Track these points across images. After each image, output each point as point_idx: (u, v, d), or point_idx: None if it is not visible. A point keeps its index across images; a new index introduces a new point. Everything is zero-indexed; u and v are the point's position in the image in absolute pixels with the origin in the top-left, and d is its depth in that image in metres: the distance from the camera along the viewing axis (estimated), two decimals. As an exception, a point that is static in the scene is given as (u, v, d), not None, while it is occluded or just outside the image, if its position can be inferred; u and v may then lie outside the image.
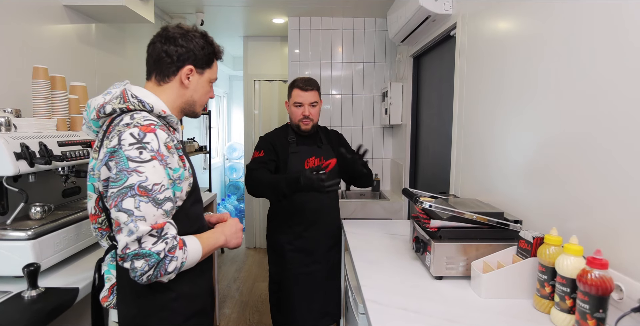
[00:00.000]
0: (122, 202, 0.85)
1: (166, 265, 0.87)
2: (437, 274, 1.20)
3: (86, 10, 2.05)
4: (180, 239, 0.92)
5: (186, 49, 1.03)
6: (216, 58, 1.11)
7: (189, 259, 0.93)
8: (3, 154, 1.11)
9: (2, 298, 1.08)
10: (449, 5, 1.95)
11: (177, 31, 1.04)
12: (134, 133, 0.89)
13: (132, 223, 0.84)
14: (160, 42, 1.03)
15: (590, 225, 0.99)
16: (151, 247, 0.85)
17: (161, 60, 1.03)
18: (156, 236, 0.86)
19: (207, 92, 1.12)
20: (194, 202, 1.04)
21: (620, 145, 0.89)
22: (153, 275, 0.86)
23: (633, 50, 0.86)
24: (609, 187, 0.93)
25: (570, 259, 0.89)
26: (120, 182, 0.86)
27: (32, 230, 1.18)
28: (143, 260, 0.84)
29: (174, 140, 0.96)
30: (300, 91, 1.83)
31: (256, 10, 3.24)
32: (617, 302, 0.87)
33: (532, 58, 1.25)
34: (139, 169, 0.86)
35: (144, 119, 0.93)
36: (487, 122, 1.56)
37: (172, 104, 1.06)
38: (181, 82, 1.05)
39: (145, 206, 0.85)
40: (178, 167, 0.95)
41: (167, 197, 0.90)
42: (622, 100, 0.89)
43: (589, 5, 1.00)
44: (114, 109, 0.96)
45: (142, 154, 0.87)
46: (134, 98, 0.96)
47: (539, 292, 0.99)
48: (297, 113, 1.85)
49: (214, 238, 1.04)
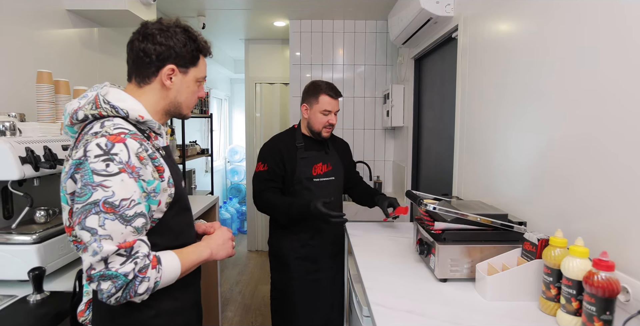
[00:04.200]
0: (85, 220, 0.78)
1: (136, 286, 0.81)
2: (441, 276, 1.20)
3: (89, 14, 2.07)
4: (154, 257, 0.85)
5: (166, 46, 0.94)
6: (203, 54, 1.02)
7: (165, 278, 0.87)
8: (8, 159, 1.11)
9: (8, 302, 1.08)
10: (450, 8, 1.96)
11: (156, 27, 0.95)
12: (101, 143, 0.81)
13: (95, 242, 0.77)
14: (138, 40, 0.94)
15: (595, 226, 0.99)
16: (118, 268, 0.78)
17: (139, 59, 0.94)
18: (125, 255, 0.80)
19: (193, 92, 1.02)
20: (178, 213, 0.97)
21: (625, 145, 0.90)
22: (122, 296, 0.80)
23: (637, 49, 0.86)
24: (614, 188, 0.93)
25: (576, 261, 0.89)
26: (85, 198, 0.79)
27: (37, 234, 1.18)
28: (110, 281, 0.78)
29: (148, 149, 0.88)
30: (330, 99, 1.79)
31: (257, 13, 3.25)
32: (624, 304, 0.87)
33: (534, 59, 1.25)
34: (104, 183, 0.79)
35: (113, 127, 0.85)
36: (490, 124, 1.56)
37: (154, 107, 0.98)
38: (162, 83, 0.96)
39: (111, 224, 0.79)
40: (152, 178, 0.87)
41: (138, 212, 0.82)
42: (626, 101, 0.89)
43: (592, 5, 1.00)
44: (86, 115, 0.88)
45: (109, 167, 0.80)
46: (106, 104, 0.88)
47: (544, 294, 0.99)
48: (323, 121, 1.80)
49: (196, 253, 0.97)
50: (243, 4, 3.02)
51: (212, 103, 4.88)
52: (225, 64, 5.15)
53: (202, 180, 4.65)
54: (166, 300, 0.94)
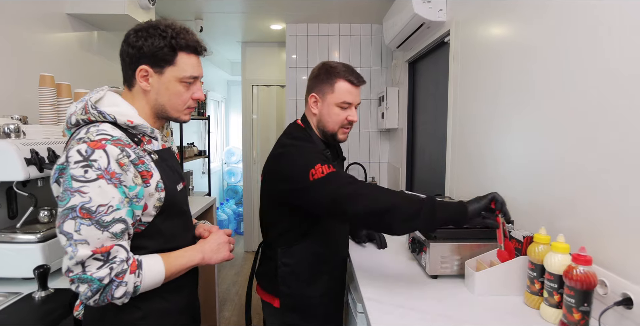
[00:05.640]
0: (63, 224, 0.80)
1: (112, 290, 0.82)
2: (432, 273, 1.25)
3: (89, 18, 2.10)
4: (134, 261, 0.86)
5: (136, 48, 0.92)
6: (186, 52, 0.95)
7: (146, 282, 0.87)
8: (14, 160, 1.15)
9: (15, 298, 1.12)
10: (442, 13, 2.01)
11: (134, 29, 0.94)
12: (81, 150, 0.82)
13: (70, 247, 0.79)
14: (122, 43, 0.95)
15: (577, 224, 1.04)
16: (94, 272, 0.80)
17: (122, 63, 0.95)
18: (102, 260, 0.81)
19: (177, 94, 0.96)
20: (169, 217, 0.96)
21: (604, 149, 0.95)
22: (100, 299, 0.82)
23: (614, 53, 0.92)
24: (593, 189, 0.98)
25: (558, 256, 0.94)
26: (64, 203, 0.81)
27: (41, 233, 1.22)
28: (87, 284, 0.80)
29: (131, 155, 0.87)
30: (351, 86, 1.28)
31: (254, 16, 3.29)
32: (603, 297, 0.92)
33: (523, 63, 1.31)
34: (82, 189, 0.80)
35: (96, 133, 0.85)
36: (480, 126, 1.62)
37: (143, 111, 0.97)
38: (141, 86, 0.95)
39: (86, 229, 0.80)
40: (134, 184, 0.86)
41: (116, 218, 0.83)
42: (609, 104, 0.95)
43: (575, 11, 1.06)
44: (77, 120, 0.90)
45: (87, 173, 0.81)
46: (93, 110, 0.89)
47: (529, 289, 1.04)
48: (340, 117, 1.29)
49: (186, 257, 0.96)
50: (240, 7, 3.06)
51: (209, 105, 4.92)
52: (222, 66, 5.19)
53: (199, 182, 4.69)
54: (156, 300, 0.95)
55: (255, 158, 4.38)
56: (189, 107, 1.01)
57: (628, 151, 0.87)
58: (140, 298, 0.89)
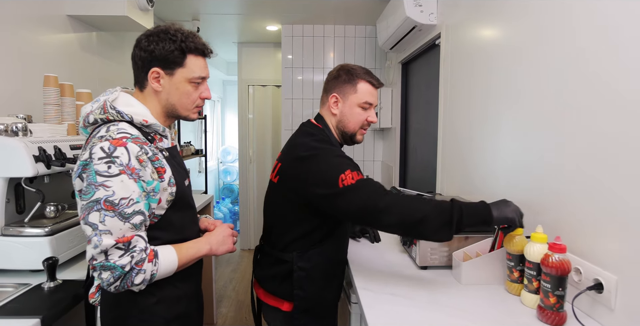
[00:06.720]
0: (88, 216, 0.86)
1: (132, 277, 0.88)
2: (422, 264, 1.32)
3: (89, 19, 2.15)
4: (152, 251, 0.92)
5: (148, 51, 0.98)
6: (194, 54, 1.02)
7: (162, 270, 0.93)
8: (24, 157, 1.20)
9: (25, 289, 1.17)
10: (433, 16, 2.08)
11: (145, 34, 1.00)
12: (104, 147, 0.88)
13: (95, 236, 0.85)
14: (134, 47, 1.02)
15: (557, 217, 1.11)
16: (116, 260, 0.86)
17: (134, 66, 1.02)
18: (123, 249, 0.87)
19: (187, 93, 1.03)
20: (180, 210, 1.03)
21: (580, 149, 1.02)
22: (120, 285, 0.88)
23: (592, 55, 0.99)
24: (570, 186, 1.05)
25: (536, 246, 1.01)
26: (88, 196, 0.87)
27: (49, 227, 1.27)
28: (109, 271, 0.86)
29: (148, 152, 0.93)
30: (372, 88, 1.31)
31: (250, 18, 3.35)
32: (577, 283, 0.99)
33: (511, 65, 1.38)
34: (106, 183, 0.87)
35: (117, 132, 0.92)
36: (469, 125, 1.69)
37: (155, 111, 1.04)
38: (153, 87, 1.01)
39: (110, 220, 0.86)
40: (152, 179, 0.93)
41: (136, 210, 0.89)
42: (582, 105, 1.02)
43: (552, 14, 1.13)
44: (95, 119, 0.96)
45: (111, 168, 0.87)
46: (112, 109, 0.95)
47: (509, 277, 1.12)
48: (361, 118, 1.32)
49: (195, 248, 1.03)
50: (236, 9, 3.12)
51: (205, 105, 4.96)
52: (218, 66, 5.24)
53: (196, 180, 4.73)
54: (168, 287, 1.01)
55: (251, 158, 4.43)
56: (197, 106, 1.08)
57: (599, 151, 0.95)
58: (154, 285, 0.96)
